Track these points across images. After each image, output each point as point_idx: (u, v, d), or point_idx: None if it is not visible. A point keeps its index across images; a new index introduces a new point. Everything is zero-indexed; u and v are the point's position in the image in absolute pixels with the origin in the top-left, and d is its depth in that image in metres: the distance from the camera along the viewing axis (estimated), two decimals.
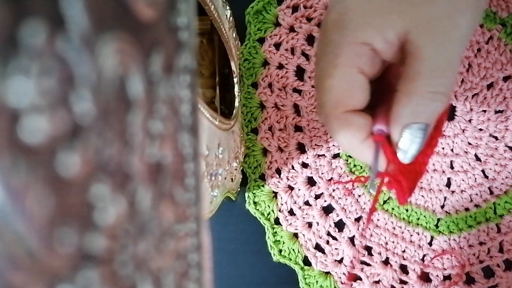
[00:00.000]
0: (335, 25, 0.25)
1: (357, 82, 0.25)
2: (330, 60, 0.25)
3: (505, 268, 0.39)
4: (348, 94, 0.25)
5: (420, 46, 0.24)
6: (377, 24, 0.24)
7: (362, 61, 0.24)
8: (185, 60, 0.12)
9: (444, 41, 0.24)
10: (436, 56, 0.24)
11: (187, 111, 0.12)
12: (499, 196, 0.39)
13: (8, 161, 0.08)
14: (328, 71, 0.25)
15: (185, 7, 0.12)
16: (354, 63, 0.24)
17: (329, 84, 0.25)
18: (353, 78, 0.25)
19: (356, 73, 0.25)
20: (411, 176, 0.28)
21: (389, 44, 0.24)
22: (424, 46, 0.24)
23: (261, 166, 0.41)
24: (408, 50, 0.24)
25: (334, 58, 0.24)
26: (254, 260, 0.42)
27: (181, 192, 0.12)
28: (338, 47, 0.24)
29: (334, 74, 0.24)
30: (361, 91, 0.25)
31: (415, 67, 0.24)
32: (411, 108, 0.25)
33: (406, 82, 0.25)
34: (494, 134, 0.39)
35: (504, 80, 0.39)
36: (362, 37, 0.24)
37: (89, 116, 0.09)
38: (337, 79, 0.24)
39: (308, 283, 0.41)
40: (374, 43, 0.24)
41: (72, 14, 0.08)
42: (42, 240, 0.08)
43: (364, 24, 0.24)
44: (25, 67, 0.08)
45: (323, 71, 0.25)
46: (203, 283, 0.14)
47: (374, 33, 0.24)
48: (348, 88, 0.25)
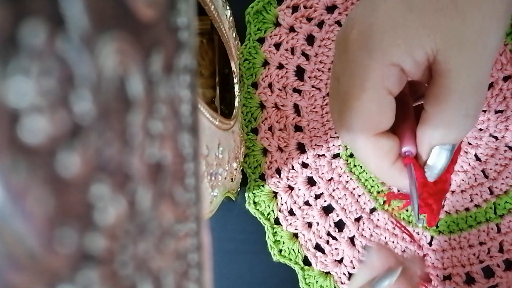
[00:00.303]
0: (361, 45, 0.24)
1: (387, 104, 0.24)
2: (357, 83, 0.24)
3: (505, 268, 0.39)
4: (378, 117, 0.24)
5: (450, 67, 0.23)
6: (406, 45, 0.23)
7: (390, 82, 0.24)
8: (185, 60, 0.12)
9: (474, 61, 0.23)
10: (467, 76, 0.23)
11: (187, 111, 0.12)
12: (499, 196, 0.39)
13: (8, 161, 0.08)
14: (356, 94, 0.24)
15: (185, 7, 0.12)
16: (383, 85, 0.24)
17: (358, 107, 0.24)
18: (382, 101, 0.24)
19: (385, 95, 0.24)
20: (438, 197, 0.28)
21: (418, 64, 0.24)
22: (455, 67, 0.23)
23: (261, 166, 0.41)
24: (436, 70, 0.24)
25: (362, 81, 0.24)
26: (254, 260, 0.42)
27: (181, 192, 0.12)
28: (366, 69, 0.23)
29: (363, 97, 0.24)
30: (390, 112, 0.24)
31: (445, 88, 0.23)
32: (442, 130, 0.24)
33: (436, 104, 0.24)
34: (494, 134, 0.39)
35: (504, 80, 0.39)
36: (391, 58, 0.23)
37: (89, 116, 0.09)
38: (366, 102, 0.24)
39: (308, 283, 0.41)
40: (403, 64, 0.23)
41: (72, 14, 0.08)
42: (42, 240, 0.08)
43: (393, 44, 0.23)
44: (25, 67, 0.08)
45: (350, 94, 0.24)
46: (203, 283, 0.14)
47: (403, 54, 0.23)
48: (378, 111, 0.24)
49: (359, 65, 0.24)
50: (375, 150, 0.25)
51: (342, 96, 0.25)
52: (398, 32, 0.23)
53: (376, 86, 0.23)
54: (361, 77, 0.24)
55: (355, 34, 0.24)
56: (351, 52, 0.24)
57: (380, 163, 0.26)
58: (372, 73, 0.23)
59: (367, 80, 0.23)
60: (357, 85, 0.24)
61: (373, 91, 0.24)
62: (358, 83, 0.24)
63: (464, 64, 0.23)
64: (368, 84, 0.23)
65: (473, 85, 0.24)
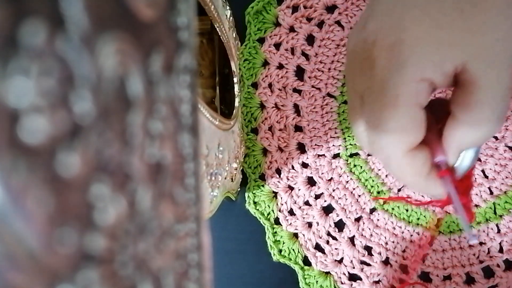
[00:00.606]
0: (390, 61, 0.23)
1: (419, 118, 0.24)
2: (388, 100, 0.23)
3: (505, 268, 0.39)
4: (414, 133, 0.24)
5: (480, 75, 0.23)
6: (436, 59, 0.23)
7: (422, 97, 0.24)
8: (185, 60, 0.12)
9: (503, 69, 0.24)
10: (497, 83, 0.24)
11: (187, 111, 0.12)
12: (499, 196, 0.39)
13: (8, 161, 0.08)
14: (389, 113, 0.24)
15: (185, 7, 0.12)
16: (415, 101, 0.24)
17: (393, 126, 0.24)
18: (415, 117, 0.24)
19: (417, 110, 0.24)
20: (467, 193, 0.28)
21: (446, 76, 0.24)
22: (485, 75, 0.23)
23: (261, 166, 0.41)
24: (466, 79, 0.24)
25: (393, 99, 0.23)
26: (254, 260, 0.42)
27: (181, 192, 0.12)
28: (397, 87, 0.23)
29: (396, 116, 0.23)
30: (423, 126, 0.24)
31: (477, 97, 0.24)
32: (473, 135, 0.25)
33: (468, 111, 0.24)
34: (494, 134, 0.39)
35: None
36: (422, 74, 0.23)
37: (89, 116, 0.09)
38: (400, 120, 0.24)
39: (308, 283, 0.41)
40: (434, 78, 0.23)
41: (72, 14, 0.08)
42: (42, 240, 0.08)
43: (424, 60, 0.23)
44: (25, 67, 0.08)
45: (381, 112, 0.24)
46: (203, 283, 0.14)
47: (434, 69, 0.23)
48: (413, 127, 0.24)
49: (388, 83, 0.23)
50: (411, 165, 0.25)
51: (371, 116, 0.25)
52: (429, 49, 0.23)
53: (408, 102, 0.23)
54: (392, 95, 0.23)
55: (383, 49, 0.24)
56: (378, 70, 0.24)
57: (417, 176, 0.26)
58: (404, 89, 0.23)
59: (399, 97, 0.23)
60: (388, 104, 0.23)
61: (406, 108, 0.23)
62: (389, 102, 0.23)
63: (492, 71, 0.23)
64: (401, 101, 0.23)
65: (503, 92, 0.24)
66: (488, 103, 0.24)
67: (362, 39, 0.25)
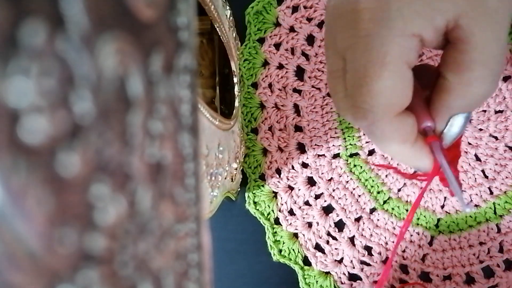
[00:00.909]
0: (376, 16, 0.21)
1: (408, 79, 0.22)
2: (375, 58, 0.21)
3: (505, 268, 0.39)
4: (402, 94, 0.22)
5: (474, 32, 0.21)
6: (427, 12, 0.21)
7: (411, 55, 0.22)
8: (185, 60, 0.12)
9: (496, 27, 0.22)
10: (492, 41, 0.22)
11: (187, 111, 0.12)
12: (499, 196, 0.39)
13: (8, 161, 0.08)
14: (376, 71, 0.21)
15: (185, 7, 0.12)
16: (404, 59, 0.22)
17: (380, 86, 0.22)
18: (405, 76, 0.22)
19: (406, 69, 0.22)
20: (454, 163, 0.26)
21: (437, 32, 0.22)
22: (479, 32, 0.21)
23: (261, 166, 0.41)
24: (458, 36, 0.22)
25: (381, 56, 0.21)
26: (254, 260, 0.42)
27: (181, 192, 0.12)
28: (384, 43, 0.21)
29: (385, 74, 0.21)
30: (411, 87, 0.23)
31: (470, 56, 0.22)
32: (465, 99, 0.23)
33: (459, 72, 0.22)
34: (494, 134, 0.39)
35: (504, 80, 0.39)
36: (411, 28, 0.21)
37: (89, 116, 0.09)
38: (389, 80, 0.22)
39: (308, 283, 0.41)
40: (424, 33, 0.22)
41: (72, 14, 0.08)
42: (42, 240, 0.08)
43: (413, 13, 0.21)
44: (25, 67, 0.08)
45: (366, 72, 0.22)
46: (203, 283, 0.14)
47: (425, 23, 0.21)
48: (402, 87, 0.22)
49: (375, 39, 0.21)
50: (398, 131, 0.23)
51: (354, 76, 0.22)
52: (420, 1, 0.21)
53: (397, 60, 0.22)
54: (379, 52, 0.21)
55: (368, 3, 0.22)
56: (363, 24, 0.22)
57: (403, 144, 0.24)
58: (393, 46, 0.21)
59: (387, 54, 0.21)
60: (374, 62, 0.21)
61: (394, 66, 0.22)
62: (375, 59, 0.21)
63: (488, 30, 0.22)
64: (389, 58, 0.21)
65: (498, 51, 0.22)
66: (481, 63, 0.22)
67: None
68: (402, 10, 0.21)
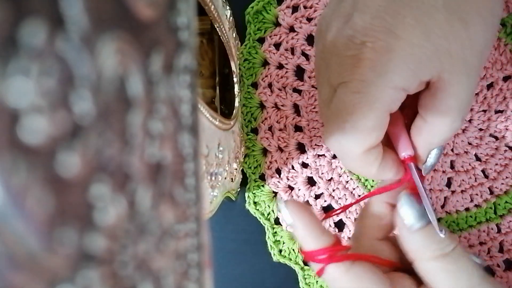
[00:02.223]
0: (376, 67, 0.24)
1: (385, 123, 0.25)
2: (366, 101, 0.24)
3: (505, 268, 0.39)
4: (377, 134, 0.25)
5: (453, 84, 0.24)
6: (418, 69, 0.24)
7: (395, 104, 0.25)
8: (185, 60, 0.12)
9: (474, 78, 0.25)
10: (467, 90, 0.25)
11: (187, 111, 0.12)
12: (500, 196, 0.39)
13: (8, 161, 0.08)
14: (363, 112, 0.24)
15: (185, 7, 0.12)
16: (389, 107, 0.24)
17: (361, 124, 0.24)
18: (384, 120, 0.25)
19: (387, 116, 0.25)
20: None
21: (422, 84, 0.25)
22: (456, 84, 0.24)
23: (261, 166, 0.41)
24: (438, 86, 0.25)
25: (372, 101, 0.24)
26: (254, 260, 0.42)
27: (181, 192, 0.12)
28: (377, 91, 0.24)
29: (370, 116, 0.24)
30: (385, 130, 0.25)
31: (447, 102, 0.25)
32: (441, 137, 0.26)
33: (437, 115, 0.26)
34: (494, 134, 0.39)
35: (504, 80, 0.39)
36: (403, 83, 0.24)
37: (89, 116, 0.09)
38: (371, 121, 0.24)
39: (308, 283, 0.41)
40: (411, 86, 0.24)
41: (72, 14, 0.08)
42: (42, 240, 0.08)
43: (407, 70, 0.24)
44: (25, 67, 0.08)
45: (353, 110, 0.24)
46: (203, 283, 0.14)
47: (414, 78, 0.24)
48: (378, 129, 0.25)
49: (370, 85, 0.24)
50: (365, 162, 0.26)
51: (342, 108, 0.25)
52: (414, 57, 0.24)
53: (384, 107, 0.24)
54: (371, 97, 0.24)
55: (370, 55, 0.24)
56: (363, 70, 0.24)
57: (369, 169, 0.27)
58: (384, 95, 0.24)
59: (378, 101, 0.24)
60: (364, 104, 0.24)
61: (379, 112, 0.24)
62: (366, 101, 0.24)
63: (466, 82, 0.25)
64: (377, 105, 0.24)
65: (470, 96, 0.26)
66: (457, 108, 0.25)
67: (348, 36, 0.25)
68: (399, 66, 0.24)
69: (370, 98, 0.24)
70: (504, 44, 0.38)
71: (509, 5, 0.38)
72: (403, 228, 0.28)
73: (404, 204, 0.27)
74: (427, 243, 0.27)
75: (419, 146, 0.27)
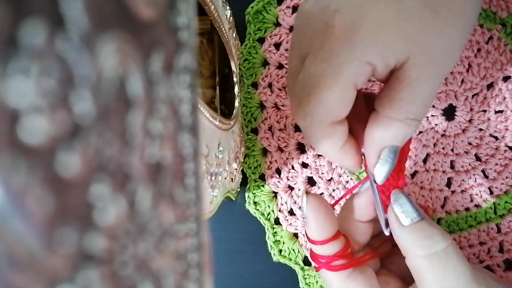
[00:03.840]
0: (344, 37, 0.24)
1: (352, 97, 0.25)
2: (330, 73, 0.24)
3: (505, 268, 0.39)
4: (341, 108, 0.25)
5: (413, 76, 0.24)
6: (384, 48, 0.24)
7: (361, 79, 0.24)
8: (185, 60, 0.12)
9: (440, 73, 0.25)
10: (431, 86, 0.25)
11: (187, 111, 0.12)
12: (500, 196, 0.39)
13: (8, 161, 0.08)
14: (327, 83, 0.24)
15: (185, 7, 0.12)
16: (354, 80, 0.24)
17: (325, 96, 0.24)
18: (349, 94, 0.25)
19: (352, 89, 0.25)
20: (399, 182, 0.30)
21: (387, 67, 0.24)
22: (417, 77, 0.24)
23: (261, 166, 0.41)
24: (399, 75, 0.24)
25: (336, 73, 0.24)
26: (254, 260, 0.42)
27: (181, 192, 0.12)
28: (342, 63, 0.24)
29: (334, 88, 0.24)
30: (351, 105, 0.25)
31: (402, 95, 0.25)
32: (393, 133, 0.26)
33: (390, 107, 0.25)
34: (494, 134, 0.39)
35: (504, 80, 0.39)
36: (368, 57, 0.24)
37: (89, 116, 0.09)
38: (335, 94, 0.24)
39: (308, 283, 0.41)
40: (376, 65, 0.24)
41: (72, 14, 0.08)
42: (42, 240, 0.08)
43: (374, 46, 0.24)
44: (25, 67, 0.08)
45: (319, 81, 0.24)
46: (203, 283, 0.14)
47: (380, 56, 0.24)
48: (343, 103, 0.25)
49: (335, 56, 0.24)
50: (329, 137, 0.26)
51: (307, 80, 0.25)
52: (381, 35, 0.24)
53: (348, 79, 0.24)
54: (335, 68, 0.24)
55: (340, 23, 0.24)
56: (330, 40, 0.24)
57: (331, 148, 0.26)
58: (348, 68, 0.24)
59: (342, 73, 0.24)
60: (329, 75, 0.24)
61: (344, 84, 0.24)
62: (331, 73, 0.24)
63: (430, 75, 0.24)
64: (341, 77, 0.24)
65: (429, 98, 0.25)
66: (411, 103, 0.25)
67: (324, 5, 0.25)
68: (366, 40, 0.24)
69: (335, 70, 0.24)
70: (504, 44, 0.38)
71: (509, 5, 0.38)
72: (394, 223, 0.28)
73: (396, 200, 0.28)
74: (416, 239, 0.27)
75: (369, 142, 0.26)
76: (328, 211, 0.29)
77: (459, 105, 0.39)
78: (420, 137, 0.39)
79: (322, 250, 0.29)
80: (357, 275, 0.29)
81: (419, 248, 0.27)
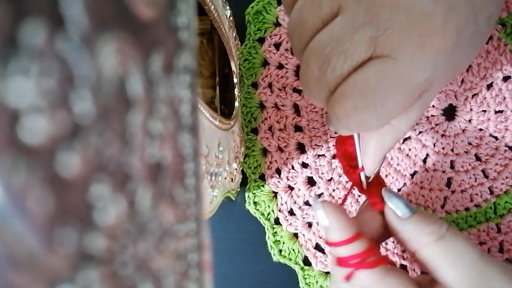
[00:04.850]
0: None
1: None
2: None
3: None
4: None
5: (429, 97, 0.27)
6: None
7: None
8: (185, 60, 0.12)
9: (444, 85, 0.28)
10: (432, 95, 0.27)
11: (187, 111, 0.12)
12: (500, 196, 0.39)
13: (8, 161, 0.08)
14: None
15: (185, 7, 0.12)
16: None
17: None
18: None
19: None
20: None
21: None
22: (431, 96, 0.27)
23: (261, 166, 0.41)
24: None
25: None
26: (254, 260, 0.42)
27: (181, 192, 0.12)
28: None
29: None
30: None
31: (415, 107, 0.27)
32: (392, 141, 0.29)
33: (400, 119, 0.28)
34: (494, 134, 0.39)
35: (504, 80, 0.39)
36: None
37: (89, 116, 0.09)
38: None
39: (308, 283, 0.41)
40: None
41: (72, 14, 0.08)
42: (42, 240, 0.08)
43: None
44: (25, 67, 0.08)
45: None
46: (203, 283, 0.14)
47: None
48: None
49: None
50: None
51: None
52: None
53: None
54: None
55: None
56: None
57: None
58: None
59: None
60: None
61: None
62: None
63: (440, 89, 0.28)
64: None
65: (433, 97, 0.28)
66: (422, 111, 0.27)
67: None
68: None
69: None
70: (504, 44, 0.38)
71: (509, 5, 0.38)
72: (395, 220, 0.28)
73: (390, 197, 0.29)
74: (421, 228, 0.27)
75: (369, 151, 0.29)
76: (344, 211, 0.29)
77: (459, 105, 0.39)
78: (420, 137, 0.39)
79: (349, 250, 0.27)
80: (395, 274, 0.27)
81: (427, 235, 0.27)
